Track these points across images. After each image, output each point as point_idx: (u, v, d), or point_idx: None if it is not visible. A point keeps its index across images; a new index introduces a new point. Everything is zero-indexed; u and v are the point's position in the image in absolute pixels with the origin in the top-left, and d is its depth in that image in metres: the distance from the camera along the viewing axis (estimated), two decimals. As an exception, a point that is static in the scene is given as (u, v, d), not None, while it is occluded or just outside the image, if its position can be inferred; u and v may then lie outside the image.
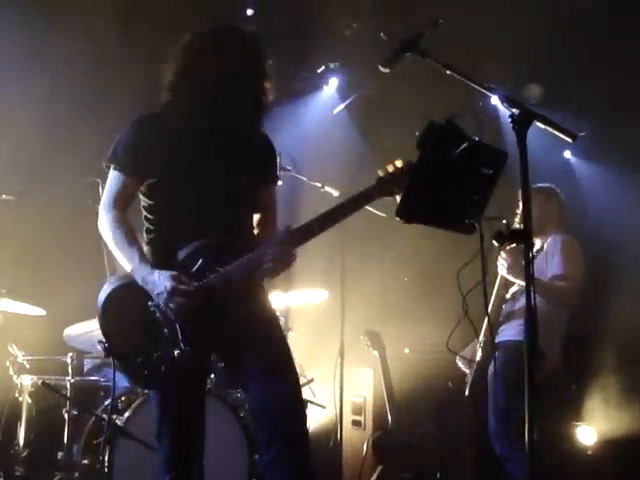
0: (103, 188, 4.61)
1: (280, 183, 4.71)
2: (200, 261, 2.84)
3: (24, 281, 5.10)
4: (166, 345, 2.79)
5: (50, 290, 5.25)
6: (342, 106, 6.80)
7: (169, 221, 2.98)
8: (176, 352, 2.77)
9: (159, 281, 2.78)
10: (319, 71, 6.79)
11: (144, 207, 3.05)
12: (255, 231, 3.14)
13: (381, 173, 2.96)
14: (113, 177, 2.99)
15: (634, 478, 5.63)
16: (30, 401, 4.73)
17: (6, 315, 4.90)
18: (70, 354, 4.73)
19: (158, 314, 2.81)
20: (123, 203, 2.97)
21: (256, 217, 3.16)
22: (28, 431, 4.70)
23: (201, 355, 2.92)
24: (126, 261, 2.88)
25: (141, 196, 3.04)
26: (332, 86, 6.90)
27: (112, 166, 2.99)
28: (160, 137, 2.95)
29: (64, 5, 5.50)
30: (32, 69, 5.49)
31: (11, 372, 4.78)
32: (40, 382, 4.55)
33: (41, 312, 5.00)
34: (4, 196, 4.89)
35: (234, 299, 2.84)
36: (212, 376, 4.43)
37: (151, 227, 3.03)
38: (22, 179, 5.32)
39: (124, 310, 2.86)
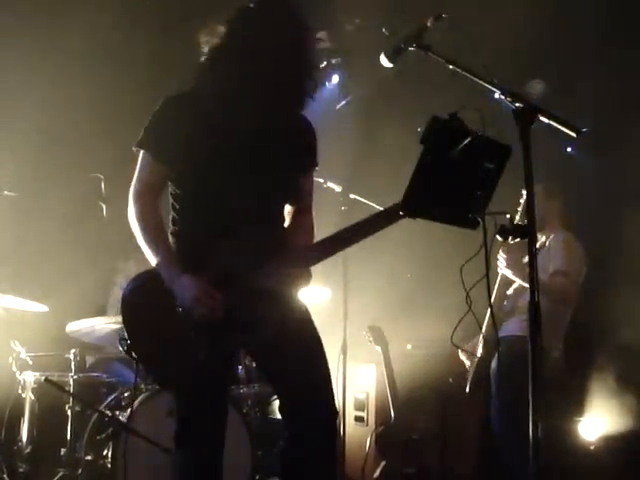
0: (105, 184, 4.67)
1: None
2: (232, 262, 2.72)
3: (27, 277, 5.10)
4: (191, 346, 2.69)
5: (53, 286, 5.24)
6: (344, 102, 6.79)
7: (198, 213, 2.82)
8: (201, 355, 2.68)
9: (185, 286, 2.66)
10: (321, 67, 6.78)
11: (172, 195, 2.89)
12: (288, 222, 2.99)
13: None
14: (143, 163, 2.81)
15: (637, 473, 5.63)
16: (33, 397, 4.72)
17: (9, 311, 4.89)
18: (73, 350, 4.72)
19: (184, 314, 2.69)
20: (153, 192, 2.81)
21: (291, 206, 3.01)
22: (31, 427, 4.69)
23: (226, 356, 2.84)
24: (152, 256, 2.75)
25: (170, 183, 2.88)
26: (334, 82, 6.89)
27: (143, 151, 2.81)
28: (194, 122, 2.76)
29: (67, 3, 5.49)
30: (34, 66, 5.48)
31: (14, 368, 4.78)
32: (43, 378, 4.54)
33: (44, 308, 5.00)
34: (7, 192, 4.88)
35: (264, 300, 2.73)
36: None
37: (178, 217, 2.87)
38: (25, 175, 5.32)
39: (148, 308, 2.75)
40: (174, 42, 5.33)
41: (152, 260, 2.76)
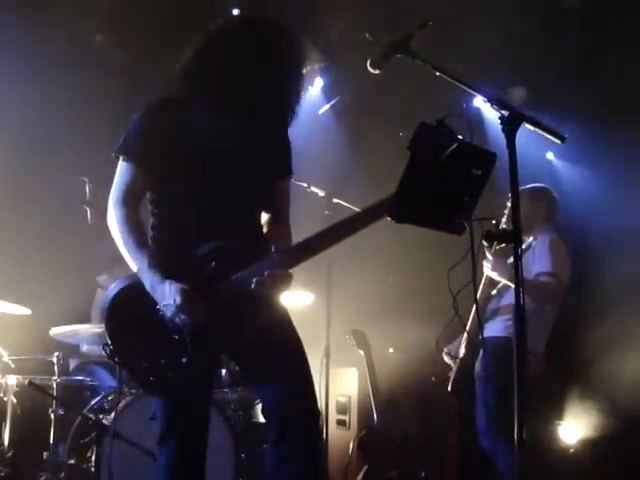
0: (89, 187, 4.66)
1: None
2: (213, 264, 2.73)
3: (9, 280, 5.07)
4: (174, 350, 2.70)
5: (35, 289, 5.21)
6: (327, 106, 6.82)
7: (178, 219, 2.85)
8: (184, 359, 2.70)
9: (168, 293, 2.66)
10: (304, 71, 6.79)
11: (151, 201, 2.91)
12: (265, 228, 3.03)
13: None
14: (123, 169, 2.83)
15: (615, 476, 5.69)
16: (15, 401, 4.70)
17: (-10, 314, 4.88)
18: (56, 353, 4.71)
19: (167, 318, 2.71)
20: (134, 198, 2.83)
21: (267, 214, 3.04)
22: (13, 431, 4.66)
23: (209, 359, 2.85)
24: (133, 263, 2.76)
25: (149, 189, 2.90)
26: (317, 86, 6.91)
27: (122, 157, 2.83)
28: (173, 130, 2.79)
29: (50, 5, 5.48)
30: (18, 68, 5.46)
31: (-5, 371, 4.77)
32: (27, 382, 4.52)
33: (26, 311, 4.98)
34: (-10, 194, 4.87)
35: (246, 302, 2.74)
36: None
37: (158, 223, 2.90)
38: (8, 178, 5.31)
39: (131, 312, 2.76)
40: (159, 45, 5.33)
41: (133, 265, 2.78)
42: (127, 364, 2.78)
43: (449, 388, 4.72)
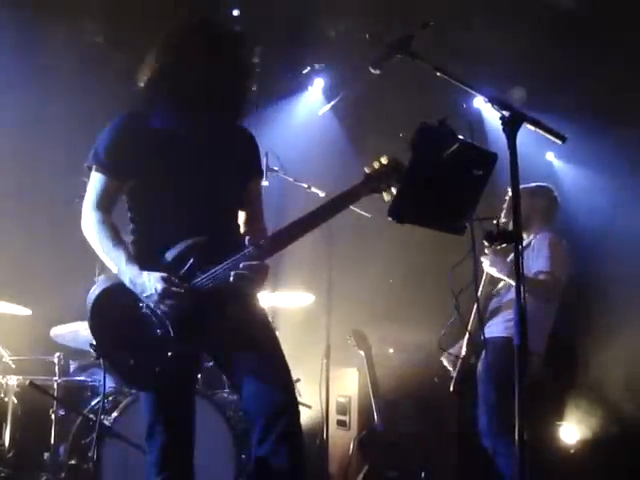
0: (90, 188, 4.66)
1: (266, 183, 4.77)
2: (191, 260, 2.81)
3: (9, 280, 5.07)
4: (158, 346, 2.77)
5: (36, 290, 5.23)
6: (327, 107, 6.83)
7: (154, 222, 2.95)
8: (169, 353, 2.76)
9: (149, 283, 2.75)
10: (304, 72, 6.81)
11: (128, 208, 3.02)
12: (242, 229, 3.11)
13: (367, 170, 2.89)
14: (95, 179, 2.95)
15: (615, 476, 5.70)
16: (16, 401, 4.70)
17: (-9, 315, 4.88)
18: (57, 354, 4.71)
19: (150, 314, 2.79)
20: (107, 204, 2.94)
21: (242, 214, 3.14)
22: (14, 431, 4.66)
23: (193, 355, 2.92)
24: (112, 263, 2.85)
25: (125, 196, 3.00)
26: (317, 87, 6.92)
27: (94, 167, 2.95)
28: (141, 137, 2.92)
29: (50, 4, 5.49)
30: (17, 69, 5.48)
31: (-4, 372, 4.77)
32: (27, 382, 4.52)
33: (27, 312, 4.99)
34: (-9, 196, 4.87)
35: (225, 298, 2.82)
36: (199, 376, 4.44)
37: (136, 228, 3.00)
38: (8, 179, 5.31)
39: (115, 311, 2.84)
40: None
41: (111, 265, 2.86)
42: (113, 362, 2.86)
43: (452, 388, 4.71)
